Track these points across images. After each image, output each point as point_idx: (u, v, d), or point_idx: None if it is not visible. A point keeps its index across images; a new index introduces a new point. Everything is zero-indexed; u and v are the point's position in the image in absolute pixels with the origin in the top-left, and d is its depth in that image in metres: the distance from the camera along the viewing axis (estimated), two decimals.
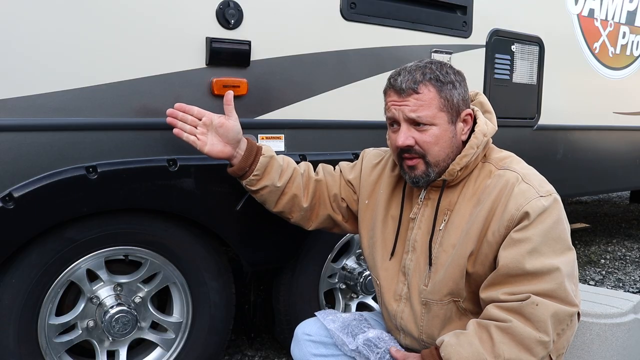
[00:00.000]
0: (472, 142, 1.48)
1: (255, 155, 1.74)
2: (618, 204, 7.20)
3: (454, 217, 1.49)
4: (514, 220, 1.38)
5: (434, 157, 1.46)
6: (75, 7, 1.77)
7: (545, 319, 1.31)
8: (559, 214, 1.40)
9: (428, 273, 1.51)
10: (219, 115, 1.77)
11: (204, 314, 2.18)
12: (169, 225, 2.04)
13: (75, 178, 1.79)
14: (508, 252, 1.36)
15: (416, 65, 1.49)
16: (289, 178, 1.77)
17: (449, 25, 2.67)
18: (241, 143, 1.77)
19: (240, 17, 2.05)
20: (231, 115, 1.76)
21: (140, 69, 1.89)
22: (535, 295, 1.32)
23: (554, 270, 1.33)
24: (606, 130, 3.71)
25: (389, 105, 1.50)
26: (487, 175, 1.50)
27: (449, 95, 1.46)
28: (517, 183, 1.42)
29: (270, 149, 1.79)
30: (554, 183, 1.51)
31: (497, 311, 1.35)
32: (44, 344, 1.92)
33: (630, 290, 3.77)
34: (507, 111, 2.99)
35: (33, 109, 1.73)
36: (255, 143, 1.80)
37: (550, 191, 1.44)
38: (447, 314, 1.49)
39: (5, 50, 1.68)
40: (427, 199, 1.55)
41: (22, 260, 1.81)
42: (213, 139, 1.74)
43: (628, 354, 1.88)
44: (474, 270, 1.44)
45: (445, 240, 1.49)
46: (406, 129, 1.46)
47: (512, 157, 1.55)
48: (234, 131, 1.74)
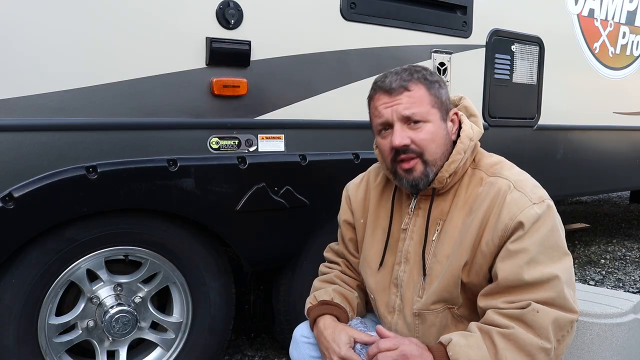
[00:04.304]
0: (458, 148, 1.45)
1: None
2: (618, 204, 7.20)
3: (447, 227, 1.46)
4: (507, 230, 1.35)
5: (432, 155, 1.43)
6: (75, 8, 1.77)
7: (547, 325, 1.30)
8: (553, 220, 1.38)
9: (422, 284, 1.48)
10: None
11: (204, 314, 2.19)
12: (169, 225, 2.04)
13: (75, 178, 1.79)
14: (506, 264, 1.34)
15: (401, 68, 1.47)
16: (357, 303, 1.68)
17: (449, 25, 2.67)
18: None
19: (240, 17, 2.05)
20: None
21: (140, 69, 1.89)
22: (536, 303, 1.31)
23: (553, 279, 1.32)
24: (606, 130, 3.71)
25: (379, 109, 1.44)
26: (478, 182, 1.46)
27: (438, 93, 1.45)
28: (509, 191, 1.39)
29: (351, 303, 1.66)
30: (554, 183, 1.50)
31: (499, 317, 1.33)
32: (44, 344, 1.92)
33: (630, 290, 3.77)
34: (507, 111, 3.00)
35: (33, 109, 1.73)
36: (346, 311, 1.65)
37: (543, 197, 1.40)
38: (443, 321, 1.47)
39: (5, 50, 1.68)
40: (418, 209, 1.52)
41: (22, 260, 1.81)
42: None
43: (628, 354, 1.88)
44: (468, 280, 1.42)
45: (439, 250, 1.46)
46: (400, 129, 1.41)
47: (502, 163, 1.51)
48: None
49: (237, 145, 2.11)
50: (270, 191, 2.17)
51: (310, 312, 1.60)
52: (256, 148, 2.15)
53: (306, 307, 1.63)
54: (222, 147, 2.08)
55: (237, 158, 2.09)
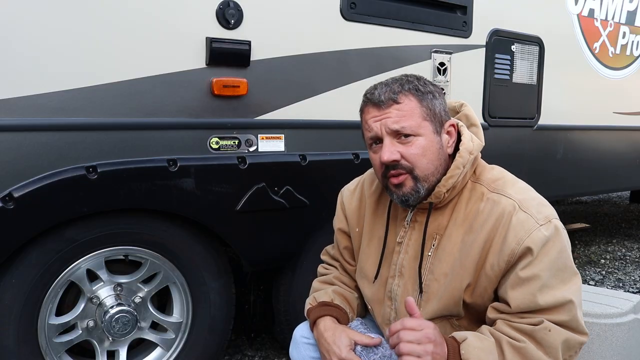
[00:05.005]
0: (457, 162, 1.38)
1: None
2: (618, 204, 7.20)
3: (445, 243, 1.41)
4: (515, 255, 1.31)
5: (423, 171, 1.37)
6: (75, 8, 1.77)
7: (557, 345, 1.28)
8: (561, 241, 1.33)
9: (419, 301, 1.44)
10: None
11: (204, 314, 2.18)
12: (169, 225, 2.04)
13: (75, 178, 1.79)
14: (518, 292, 1.31)
15: (392, 79, 1.42)
16: (357, 304, 1.67)
17: (449, 25, 2.67)
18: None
19: (240, 17, 2.05)
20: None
21: (140, 69, 1.89)
22: (549, 322, 1.29)
23: (567, 303, 1.30)
24: (606, 130, 3.71)
25: (369, 123, 1.40)
26: (479, 197, 1.40)
27: (431, 105, 1.38)
28: (514, 212, 1.34)
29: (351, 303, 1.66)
30: (554, 183, 1.49)
31: (510, 329, 1.31)
32: (44, 344, 1.92)
33: (630, 290, 3.77)
34: (507, 111, 3.00)
35: (33, 109, 1.73)
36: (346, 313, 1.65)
37: (550, 217, 1.34)
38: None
39: (5, 50, 1.68)
40: (414, 222, 1.47)
41: (22, 260, 1.81)
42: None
43: (628, 354, 1.88)
44: (472, 300, 1.39)
45: (436, 267, 1.42)
46: (390, 143, 1.36)
47: (505, 178, 1.44)
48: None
49: (237, 145, 2.11)
50: (270, 191, 2.17)
51: (310, 313, 1.59)
52: (256, 148, 2.15)
53: (306, 308, 1.62)
54: (222, 147, 2.08)
55: (237, 158, 2.09)
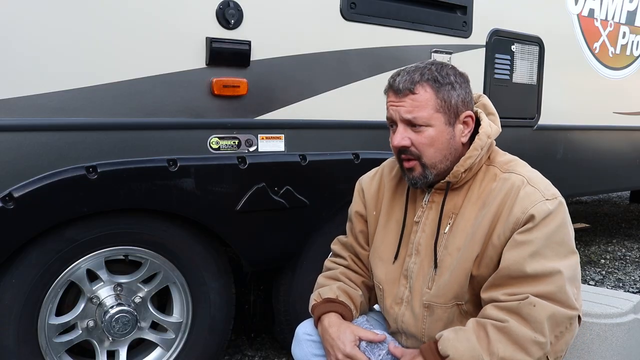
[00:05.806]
0: (476, 144, 1.48)
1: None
2: (618, 204, 7.20)
3: (459, 221, 1.49)
4: (519, 223, 1.38)
5: (430, 159, 1.46)
6: (75, 8, 1.77)
7: (542, 320, 1.31)
8: (563, 217, 1.41)
9: (432, 276, 1.50)
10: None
11: (204, 314, 2.18)
12: (169, 225, 2.04)
13: (75, 178, 1.79)
14: (510, 253, 1.37)
15: (416, 66, 1.49)
16: (360, 302, 1.67)
17: (449, 25, 2.67)
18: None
19: (240, 17, 2.05)
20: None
21: (140, 69, 1.89)
22: (534, 297, 1.32)
23: (555, 273, 1.34)
24: (606, 130, 3.71)
25: (388, 106, 1.50)
26: (492, 178, 1.49)
27: (447, 97, 1.45)
28: (522, 186, 1.42)
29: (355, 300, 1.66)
30: (554, 183, 1.51)
31: (495, 311, 1.36)
32: (44, 344, 1.92)
33: (630, 290, 3.77)
34: (507, 111, 2.99)
35: (33, 109, 1.73)
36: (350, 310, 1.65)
37: (556, 195, 1.44)
38: (450, 317, 1.50)
39: (5, 50, 1.68)
40: (432, 202, 1.55)
41: (22, 260, 1.81)
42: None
43: (628, 354, 1.88)
44: (478, 272, 1.44)
45: (451, 243, 1.49)
46: (402, 130, 1.46)
47: (516, 161, 1.55)
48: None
49: (237, 145, 2.11)
50: (270, 191, 2.17)
51: (314, 309, 1.61)
52: (256, 148, 2.15)
53: (310, 304, 1.64)
54: (222, 147, 2.08)
55: (237, 158, 2.09)
